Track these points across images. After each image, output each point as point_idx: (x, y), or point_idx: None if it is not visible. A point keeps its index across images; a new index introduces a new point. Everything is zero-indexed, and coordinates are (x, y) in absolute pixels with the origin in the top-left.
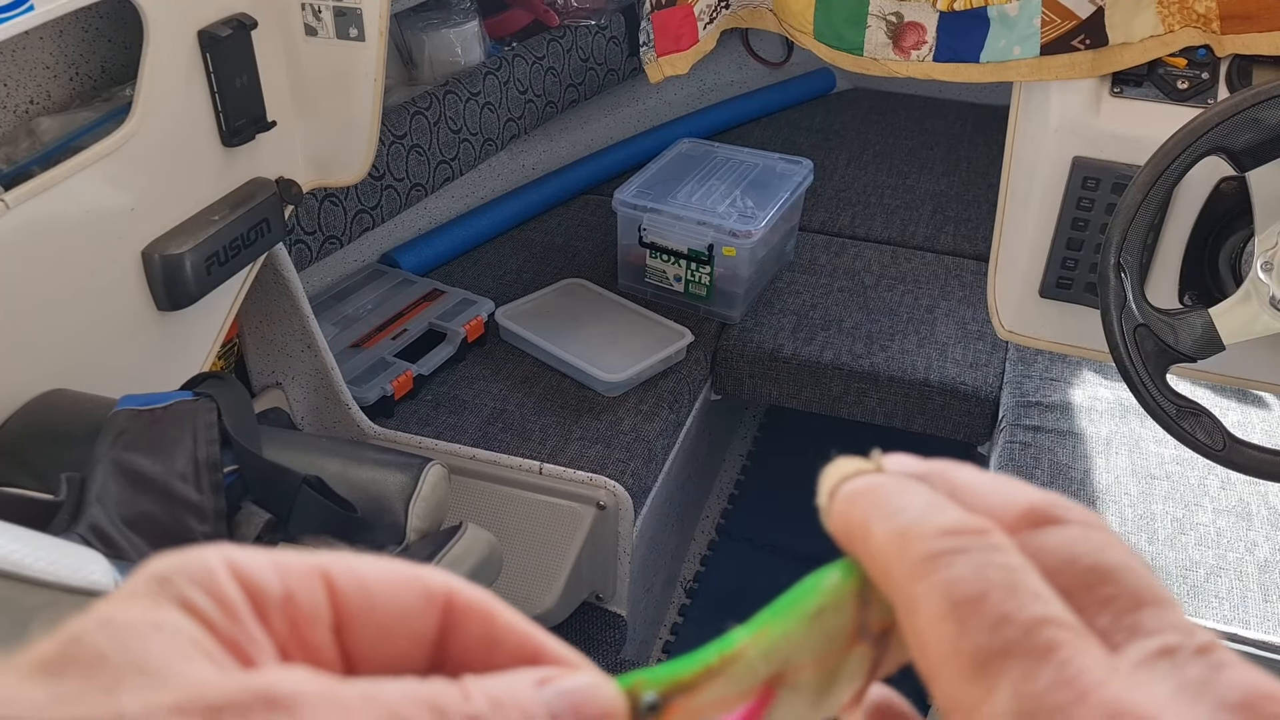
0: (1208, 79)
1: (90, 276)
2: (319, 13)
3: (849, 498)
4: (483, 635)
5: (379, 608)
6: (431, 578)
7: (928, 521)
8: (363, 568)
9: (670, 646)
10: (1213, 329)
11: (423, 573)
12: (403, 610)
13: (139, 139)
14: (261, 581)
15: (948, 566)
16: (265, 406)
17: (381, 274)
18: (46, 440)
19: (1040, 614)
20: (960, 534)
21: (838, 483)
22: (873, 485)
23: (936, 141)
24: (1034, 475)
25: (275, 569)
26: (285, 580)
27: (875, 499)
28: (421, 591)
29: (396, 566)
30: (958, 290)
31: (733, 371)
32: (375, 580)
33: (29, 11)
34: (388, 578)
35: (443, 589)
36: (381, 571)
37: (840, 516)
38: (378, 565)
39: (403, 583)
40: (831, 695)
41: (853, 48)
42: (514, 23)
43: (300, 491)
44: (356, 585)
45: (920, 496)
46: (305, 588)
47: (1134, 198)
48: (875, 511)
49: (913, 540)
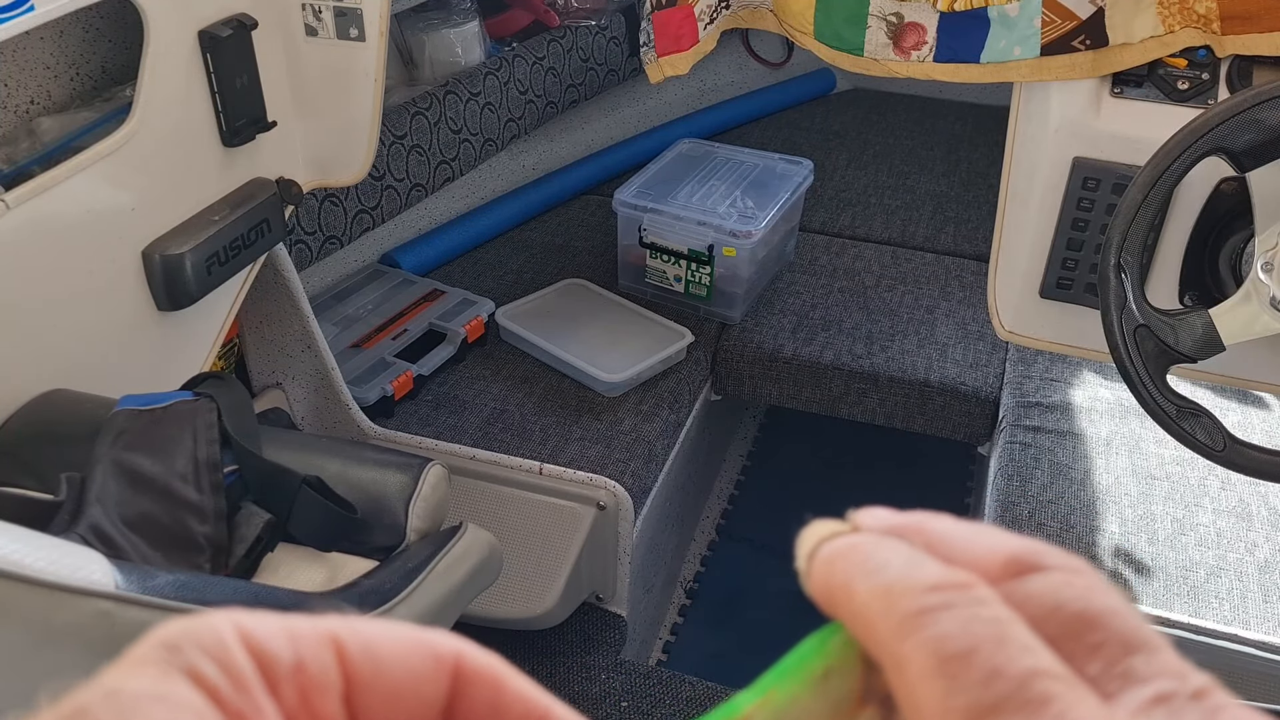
0: (1208, 79)
1: (90, 276)
2: (319, 13)
3: (828, 560)
4: (491, 702)
5: (388, 674)
6: (441, 643)
7: (910, 578)
8: (373, 633)
9: (670, 646)
10: (1213, 329)
11: (432, 637)
12: (412, 676)
13: (139, 139)
14: (272, 650)
15: (934, 623)
16: (265, 406)
17: (382, 274)
18: (46, 440)
19: (1031, 666)
20: (943, 589)
21: (815, 545)
22: (851, 545)
23: (937, 142)
24: (1034, 476)
25: (287, 637)
26: (296, 649)
27: (855, 558)
28: (430, 656)
29: (406, 632)
30: (958, 291)
31: (733, 372)
32: (385, 646)
33: (29, 11)
34: (398, 643)
35: (452, 654)
36: (392, 637)
37: (820, 579)
38: (388, 630)
39: (412, 648)
40: None
41: (853, 48)
42: (514, 23)
43: (300, 491)
44: (366, 652)
45: (900, 553)
46: (316, 656)
47: (1134, 198)
48: (856, 571)
49: (896, 598)
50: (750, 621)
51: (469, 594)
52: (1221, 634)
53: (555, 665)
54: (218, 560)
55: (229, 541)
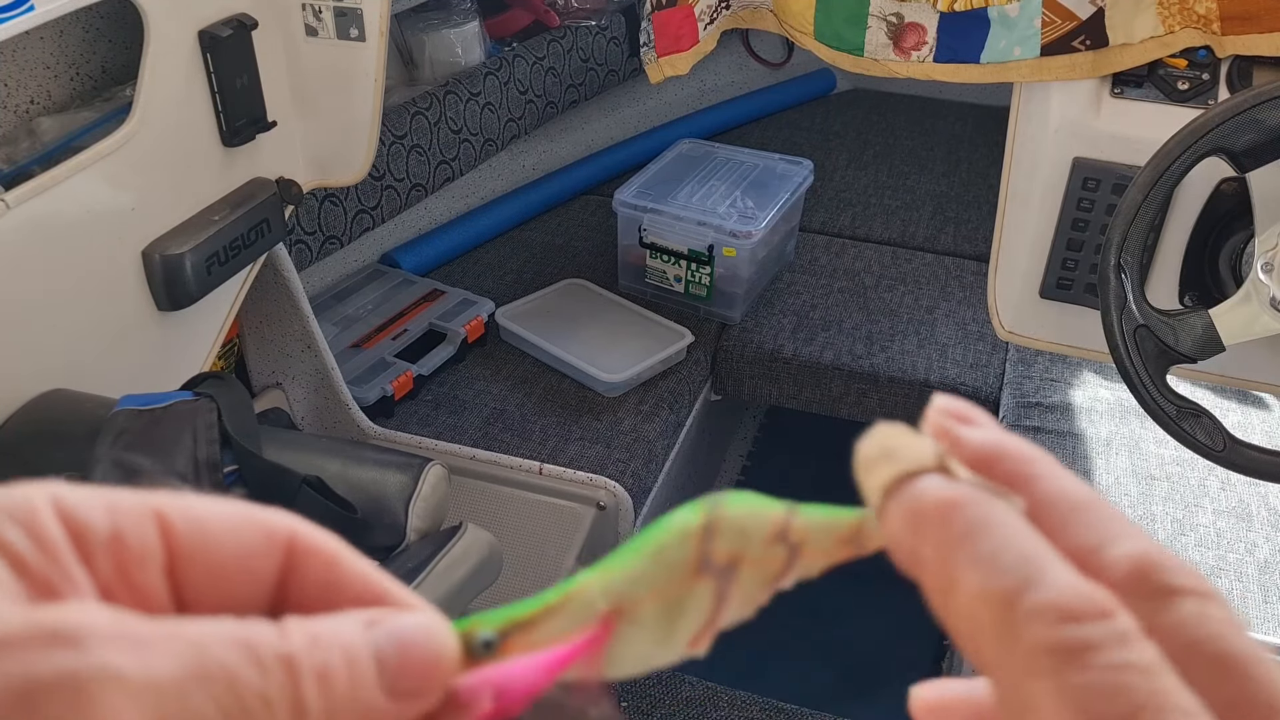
0: (1208, 80)
1: (90, 276)
2: (319, 13)
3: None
4: (325, 580)
5: (215, 548)
6: (274, 520)
7: (1037, 592)
8: (200, 507)
9: None
10: (1213, 330)
11: (265, 515)
12: (241, 551)
13: (139, 139)
14: (87, 520)
15: (1078, 671)
16: (265, 406)
17: (382, 274)
18: (46, 440)
19: None
20: (1082, 619)
21: (893, 481)
22: (949, 503)
23: (937, 142)
24: None
25: (105, 508)
26: (114, 519)
27: (956, 529)
28: (261, 531)
29: (237, 507)
30: (958, 291)
31: (733, 372)
32: (213, 520)
33: (29, 11)
34: (226, 518)
35: (285, 530)
36: (220, 511)
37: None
38: (217, 505)
39: (242, 523)
40: (676, 629)
41: (853, 48)
42: (514, 23)
43: (300, 491)
44: (192, 525)
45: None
46: (136, 528)
47: (1134, 198)
48: (959, 553)
49: (1023, 620)
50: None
51: (469, 594)
52: None
53: None
54: None
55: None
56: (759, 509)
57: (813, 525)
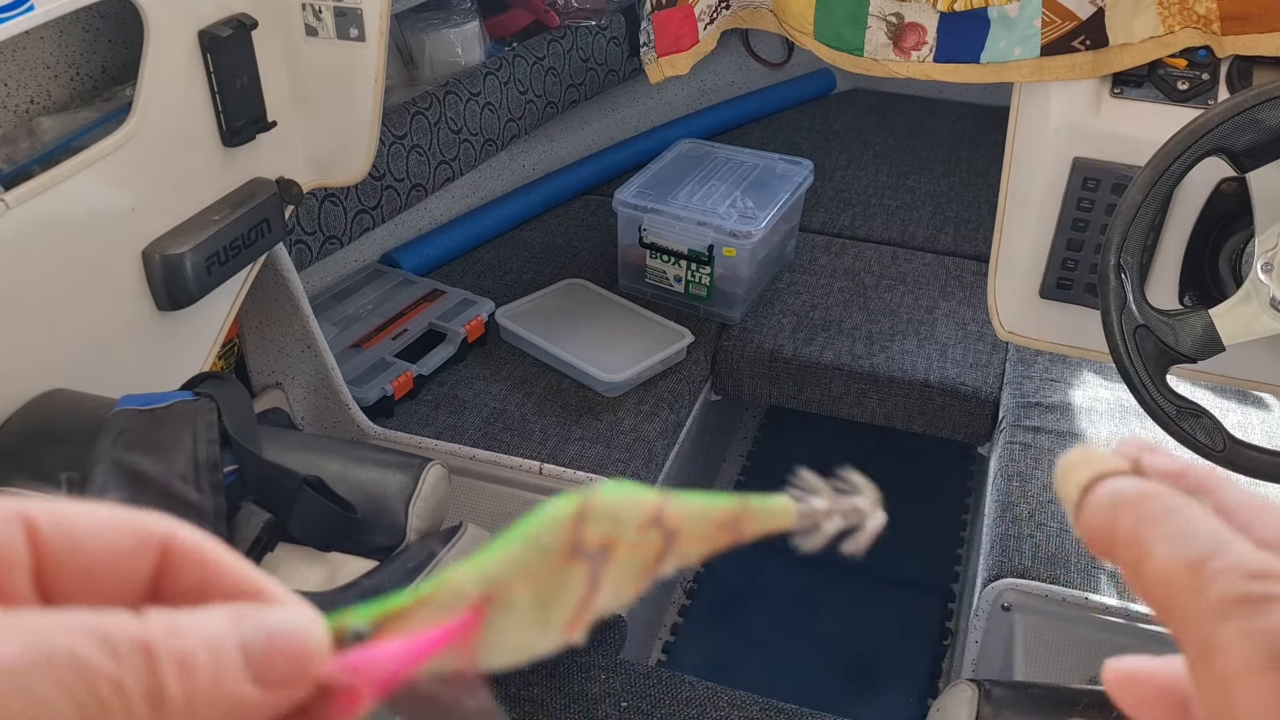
0: (1208, 80)
1: (90, 276)
2: (319, 13)
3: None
4: (200, 580)
5: (84, 552)
6: (147, 522)
7: (1227, 557)
8: (69, 511)
9: (670, 647)
10: (1213, 330)
11: (138, 517)
12: (110, 554)
13: (139, 139)
14: None
15: (1266, 614)
16: (265, 406)
17: (382, 274)
18: (46, 440)
19: None
20: (1269, 578)
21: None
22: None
23: (936, 142)
24: (1034, 476)
25: None
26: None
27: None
28: (133, 534)
29: (109, 511)
30: (958, 291)
31: (733, 372)
32: (81, 524)
33: (29, 11)
34: (95, 521)
35: (159, 532)
36: (90, 515)
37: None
38: (87, 509)
39: (112, 526)
40: (550, 615)
41: (853, 48)
42: (514, 23)
43: (300, 491)
44: (59, 529)
45: (1204, 521)
46: (1, 534)
47: (1134, 198)
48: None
49: (1215, 577)
50: (750, 621)
51: None
52: None
53: (555, 665)
54: None
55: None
56: (633, 496)
57: (688, 511)
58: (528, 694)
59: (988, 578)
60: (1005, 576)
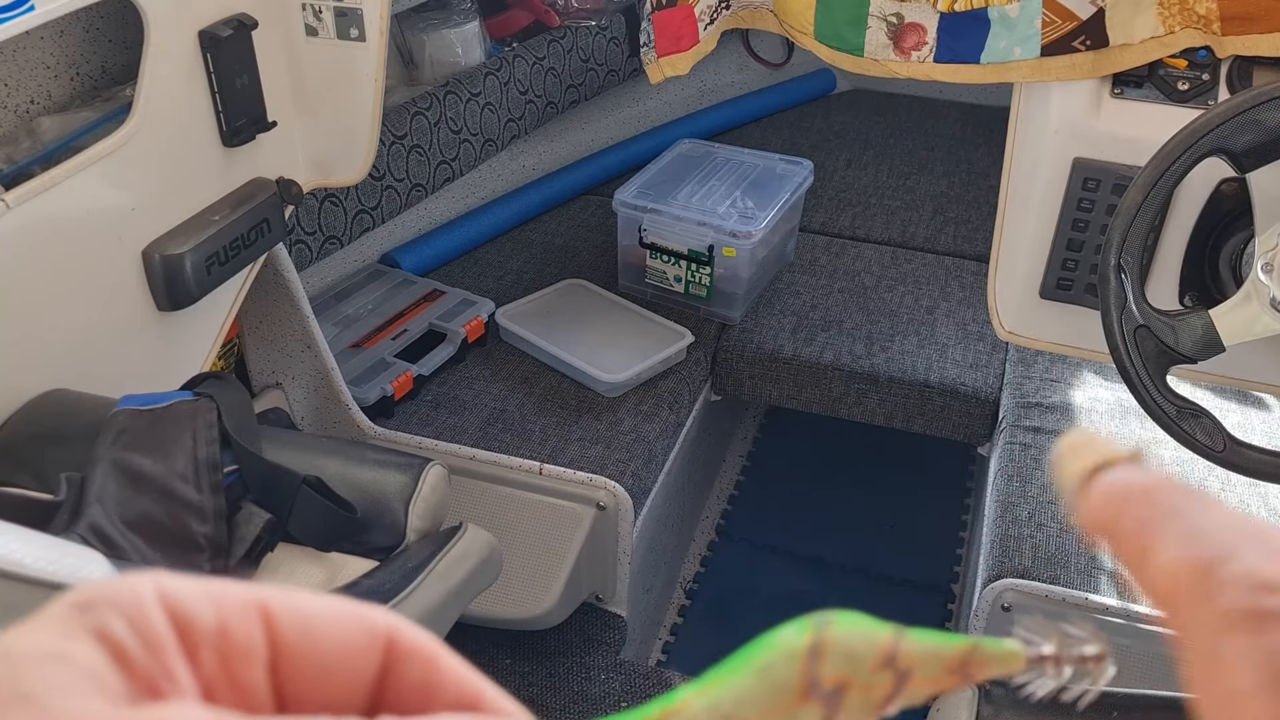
0: (1208, 80)
1: (90, 276)
2: (320, 13)
3: (1117, 495)
4: (422, 679)
5: (319, 645)
6: (375, 616)
7: (1237, 564)
8: (304, 603)
9: (670, 647)
10: (1213, 330)
11: (366, 611)
12: (343, 649)
13: (139, 139)
14: (194, 614)
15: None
16: (265, 406)
17: (382, 274)
18: (46, 440)
19: None
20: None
21: (1095, 467)
22: (1150, 489)
23: (937, 142)
24: (1034, 476)
25: (211, 601)
26: (220, 614)
27: (1158, 508)
28: (364, 630)
29: (339, 603)
30: (958, 291)
31: (733, 372)
32: (317, 617)
33: (30, 11)
34: (330, 614)
35: (386, 628)
36: (324, 608)
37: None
38: (320, 601)
39: (345, 620)
40: None
41: (853, 49)
42: (514, 23)
43: (300, 491)
44: (297, 621)
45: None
46: (241, 623)
47: (1134, 199)
48: (1159, 524)
49: (1223, 583)
50: (750, 622)
51: (469, 594)
52: None
53: (555, 665)
54: (218, 560)
55: (229, 541)
56: (868, 632)
57: (922, 652)
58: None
59: (988, 578)
60: (1005, 576)
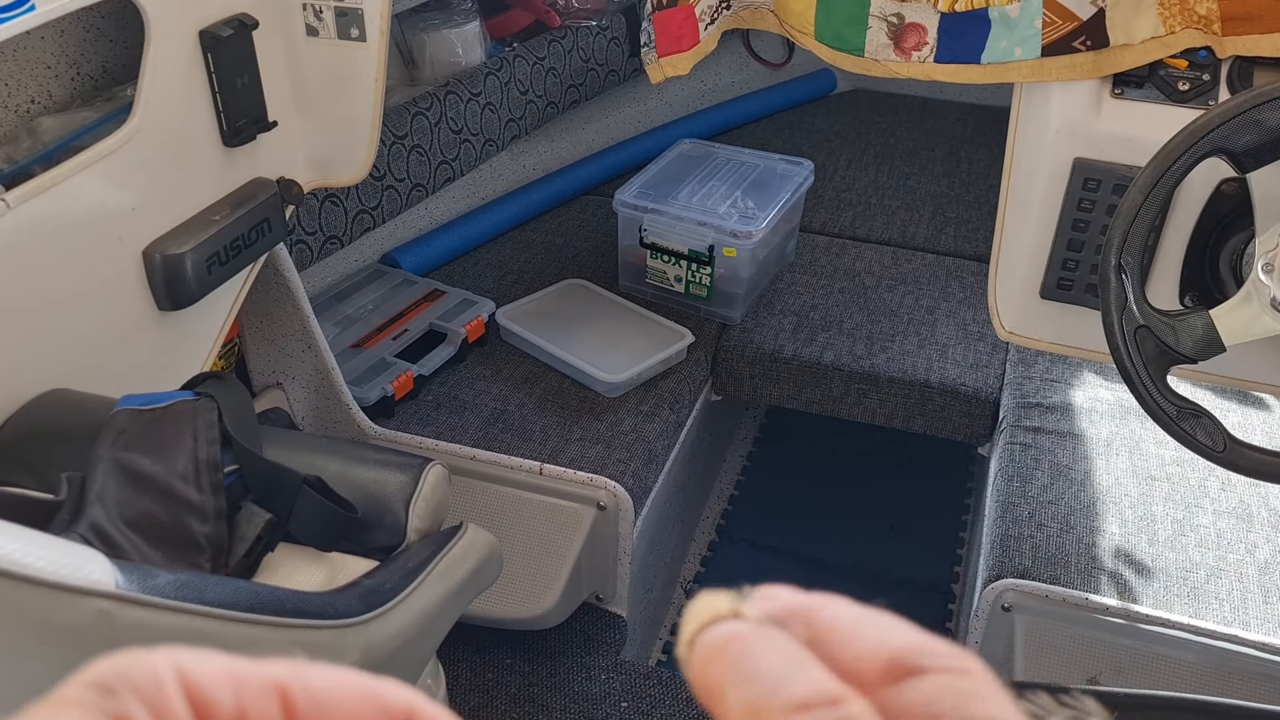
0: (1209, 80)
1: (91, 276)
2: (320, 13)
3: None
4: None
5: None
6: (391, 695)
7: (780, 694)
8: (320, 683)
9: (670, 647)
10: (1213, 330)
11: (383, 689)
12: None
13: (140, 139)
14: (213, 697)
15: None
16: (265, 406)
17: (382, 274)
18: (46, 440)
19: None
20: (812, 708)
21: (697, 630)
22: (729, 640)
23: (937, 143)
24: (1034, 476)
25: (229, 683)
26: (239, 695)
27: (730, 659)
28: (380, 710)
29: (356, 681)
30: (958, 291)
31: (733, 372)
32: (333, 698)
33: (30, 11)
34: (347, 695)
35: (403, 708)
36: (341, 687)
37: (697, 674)
38: (338, 679)
39: (361, 701)
40: None
41: (854, 49)
42: (515, 23)
43: (300, 491)
44: (313, 702)
45: (776, 656)
46: (259, 704)
47: (1135, 199)
48: (728, 675)
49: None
50: None
51: (469, 594)
52: (1221, 635)
53: (555, 665)
54: (218, 560)
55: (229, 541)
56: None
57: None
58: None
59: (988, 578)
60: (1005, 577)
